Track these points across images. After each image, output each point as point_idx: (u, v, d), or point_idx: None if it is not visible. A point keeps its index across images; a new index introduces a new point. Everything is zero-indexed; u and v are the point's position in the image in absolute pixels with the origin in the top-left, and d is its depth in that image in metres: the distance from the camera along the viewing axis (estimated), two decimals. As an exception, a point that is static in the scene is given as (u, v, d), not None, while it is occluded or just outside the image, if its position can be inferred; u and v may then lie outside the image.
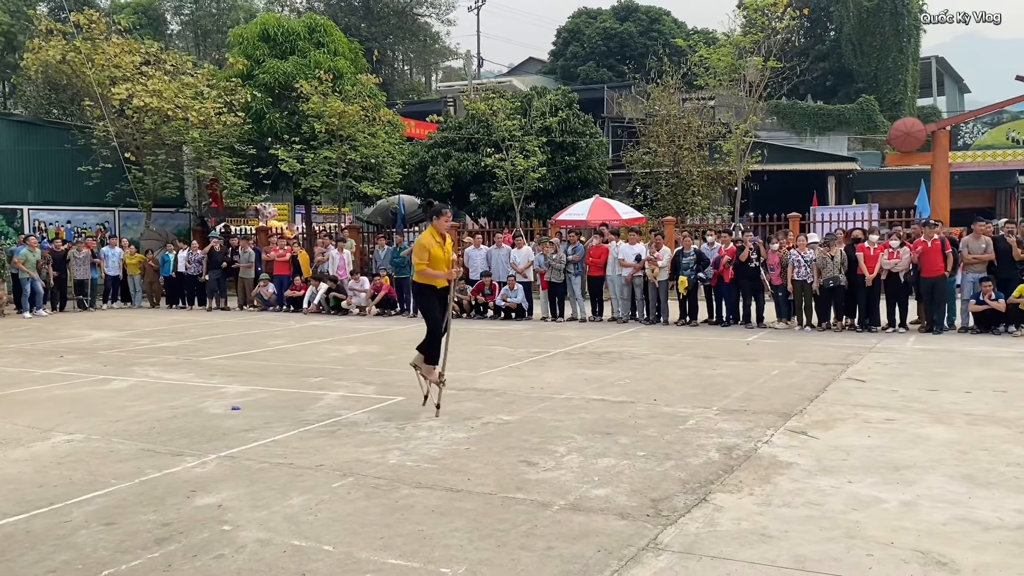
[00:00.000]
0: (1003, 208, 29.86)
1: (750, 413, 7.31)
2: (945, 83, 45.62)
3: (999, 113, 20.02)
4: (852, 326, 13.61)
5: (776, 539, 4.31)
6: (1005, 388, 8.27)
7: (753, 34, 23.11)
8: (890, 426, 6.73)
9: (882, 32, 37.65)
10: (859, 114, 35.86)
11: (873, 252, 13.32)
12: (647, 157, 24.97)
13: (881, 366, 9.86)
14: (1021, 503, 4.78)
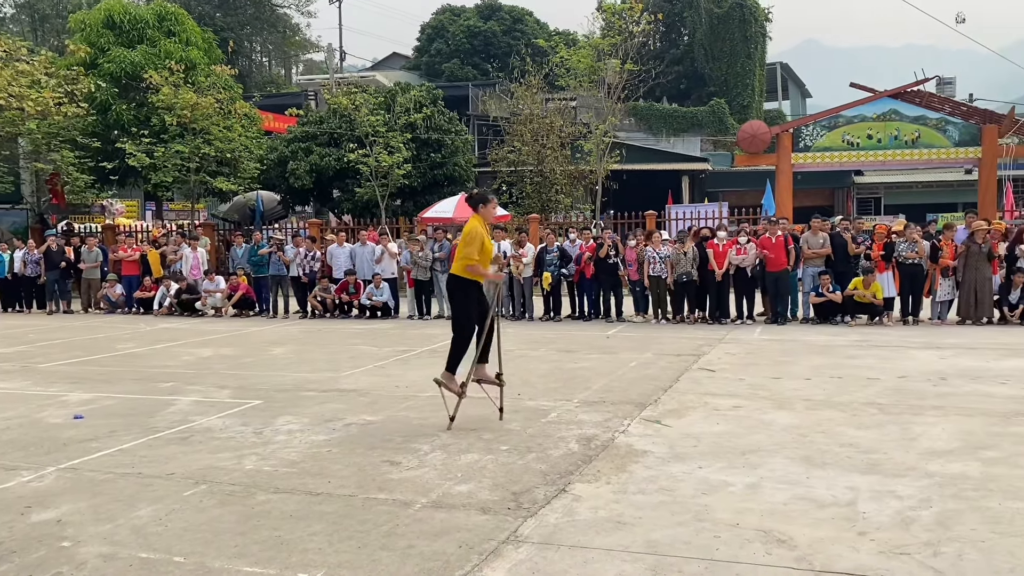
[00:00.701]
0: (840, 206, 32.11)
1: (609, 404, 7.53)
2: (789, 88, 48.49)
3: (835, 117, 21.43)
4: (704, 319, 14.27)
5: (631, 525, 4.46)
6: (841, 375, 8.88)
7: (611, 37, 23.81)
8: (737, 413, 7.10)
9: (731, 38, 39.60)
10: (711, 116, 37.61)
11: (722, 248, 14.01)
12: (512, 155, 25.29)
13: (730, 356, 10.38)
14: (852, 481, 5.14)
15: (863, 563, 3.89)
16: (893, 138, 20.77)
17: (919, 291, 13.70)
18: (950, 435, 6.18)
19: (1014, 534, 4.21)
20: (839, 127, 21.19)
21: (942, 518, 4.45)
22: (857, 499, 4.79)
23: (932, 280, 13.73)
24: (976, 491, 4.88)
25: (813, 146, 21.32)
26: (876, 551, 4.03)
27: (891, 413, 6.95)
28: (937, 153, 20.85)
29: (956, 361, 9.65)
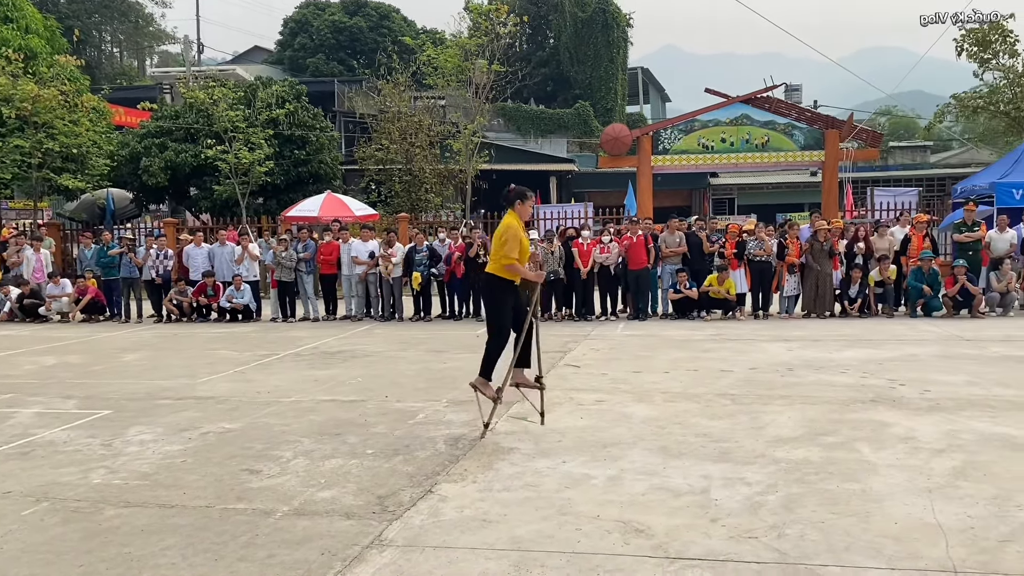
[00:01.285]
0: (697, 206, 33.51)
1: (477, 403, 7.55)
2: (650, 92, 50.25)
3: (692, 121, 22.33)
4: (571, 316, 14.57)
5: (496, 523, 4.50)
6: (697, 367, 9.28)
7: (478, 37, 23.93)
8: (600, 407, 7.30)
9: (595, 42, 40.64)
10: (576, 119, 38.49)
11: (587, 247, 14.36)
12: (380, 154, 24.99)
13: (595, 352, 10.65)
14: (706, 469, 5.38)
15: (714, 548, 4.07)
16: (745, 142, 21.86)
17: (768, 287, 14.49)
18: (795, 423, 6.57)
19: (850, 514, 4.51)
20: (695, 131, 22.10)
21: (787, 502, 4.73)
22: (710, 487, 5.02)
23: (780, 276, 14.55)
24: (817, 475, 5.21)
25: (671, 149, 22.14)
26: (727, 536, 4.23)
27: (742, 403, 7.32)
28: (785, 156, 22.09)
29: (802, 353, 10.27)
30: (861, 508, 4.58)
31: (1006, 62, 24.72)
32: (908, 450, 5.73)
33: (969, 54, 24.83)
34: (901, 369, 8.92)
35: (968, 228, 14.57)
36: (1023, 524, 4.28)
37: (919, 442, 5.91)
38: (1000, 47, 24.48)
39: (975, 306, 13.74)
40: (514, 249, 6.33)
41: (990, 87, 25.85)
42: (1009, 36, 24.35)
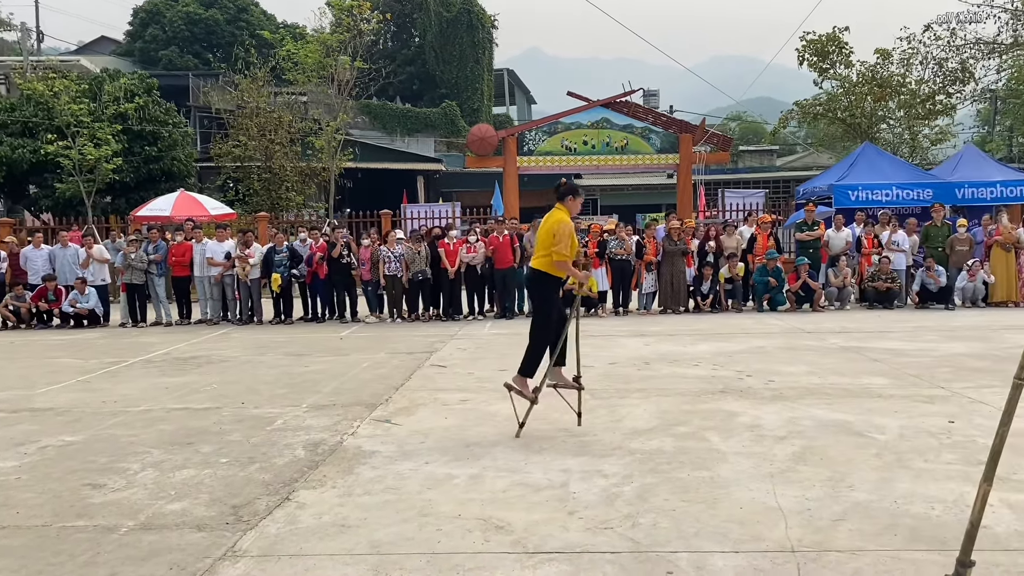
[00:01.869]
0: (562, 206, 34.16)
1: (339, 407, 7.43)
2: (516, 93, 50.86)
3: (555, 123, 22.77)
4: (438, 316, 14.55)
5: (355, 528, 4.43)
6: (559, 364, 9.45)
7: (340, 33, 23.51)
8: (464, 406, 7.32)
9: (460, 42, 40.75)
10: (443, 118, 38.47)
11: (453, 247, 14.37)
12: (237, 150, 24.13)
13: (461, 351, 10.68)
14: (566, 464, 5.49)
15: (571, 541, 4.16)
16: (605, 144, 22.48)
17: (628, 284, 14.96)
18: (650, 415, 6.81)
19: (700, 501, 4.72)
20: (559, 133, 22.54)
21: (641, 492, 4.89)
22: (569, 480, 5.13)
23: (639, 274, 15.05)
24: (670, 464, 5.41)
25: (536, 150, 22.49)
26: (583, 528, 4.33)
27: (601, 397, 7.52)
28: (643, 159, 22.87)
29: (658, 347, 10.66)
30: (710, 495, 4.80)
31: (842, 72, 26.52)
32: (753, 438, 6.04)
33: (810, 63, 26.49)
34: (749, 361, 9.41)
35: (808, 227, 15.55)
36: (854, 504, 4.59)
37: (763, 430, 6.25)
38: (837, 58, 26.25)
39: (815, 300, 14.69)
40: (567, 245, 6.23)
41: (828, 95, 27.65)
42: (845, 47, 26.16)
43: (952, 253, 15.03)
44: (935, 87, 26.67)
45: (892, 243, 15.20)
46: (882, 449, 5.64)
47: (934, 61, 27.25)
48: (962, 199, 17.81)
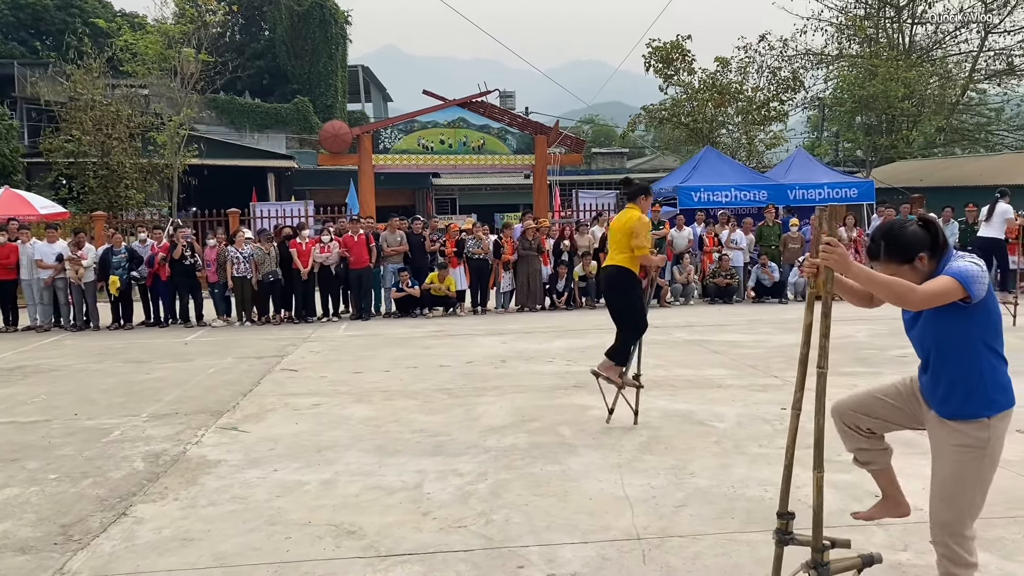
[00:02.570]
0: (421, 206, 34.05)
1: (182, 415, 7.09)
2: (371, 91, 50.16)
3: (411, 122, 22.63)
4: (290, 318, 14.15)
5: (198, 540, 4.23)
6: (417, 364, 9.41)
7: (183, 24, 22.44)
8: (317, 411, 7.15)
9: (313, 37, 39.75)
10: (295, 114, 37.42)
11: (306, 247, 14.01)
12: (70, 145, 22.56)
13: (314, 354, 10.43)
14: (420, 465, 5.46)
15: (425, 541, 4.14)
16: (463, 144, 22.57)
17: (486, 283, 15.08)
18: (506, 412, 6.89)
19: (551, 494, 4.81)
20: (415, 131, 22.43)
21: (495, 488, 4.93)
22: (424, 481, 5.10)
23: (496, 273, 15.19)
24: (523, 460, 5.49)
25: (392, 148, 22.28)
26: (437, 528, 4.32)
27: (458, 397, 7.53)
28: (500, 159, 23.13)
29: (515, 345, 10.80)
30: (561, 488, 4.90)
31: (685, 78, 27.76)
32: (603, 430, 6.23)
33: (655, 70, 27.57)
34: (600, 355, 9.66)
35: (655, 227, 16.16)
36: (696, 490, 4.82)
37: (613, 422, 6.44)
38: (680, 65, 27.44)
39: (662, 296, 15.31)
40: (647, 239, 6.44)
41: (673, 100, 28.88)
42: (688, 55, 27.39)
43: (785, 250, 16.04)
44: (769, 95, 28.35)
45: (731, 241, 16.06)
46: (721, 437, 5.94)
47: (768, 70, 29.01)
48: (794, 200, 19.03)
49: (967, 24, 32.71)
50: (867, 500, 4.52)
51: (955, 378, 3.02)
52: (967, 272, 2.89)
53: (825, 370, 3.04)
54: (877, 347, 9.83)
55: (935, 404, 3.11)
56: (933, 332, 3.05)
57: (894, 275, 3.01)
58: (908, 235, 3.03)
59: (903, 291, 2.91)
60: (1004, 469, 4.97)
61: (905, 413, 3.29)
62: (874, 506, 3.61)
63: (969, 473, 3.00)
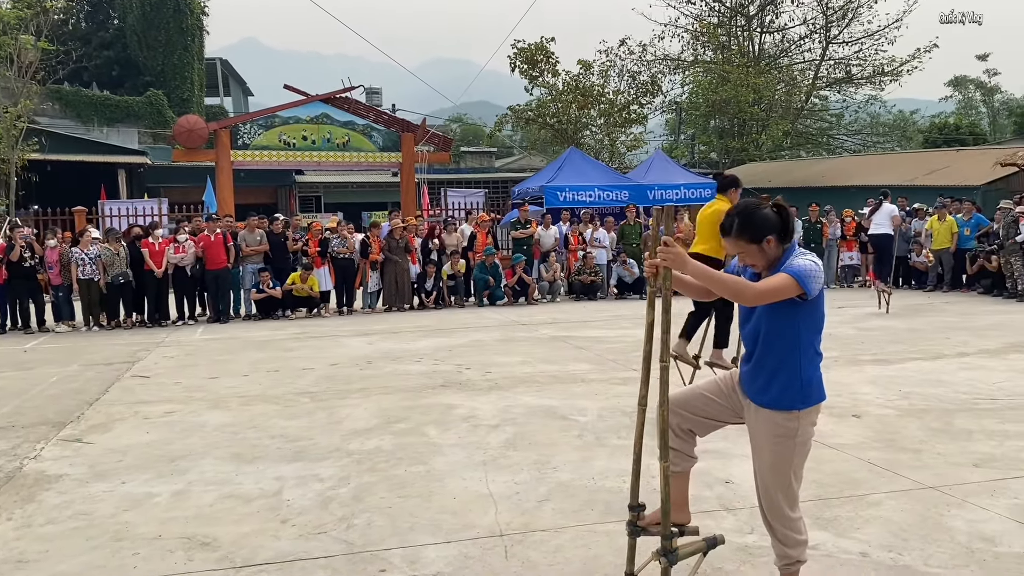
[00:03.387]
0: (284, 204, 33.12)
1: (19, 428, 6.60)
2: (231, 85, 48.32)
3: (272, 117, 21.93)
4: (143, 322, 13.45)
5: (34, 563, 3.95)
6: (278, 368, 9.14)
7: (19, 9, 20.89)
8: (170, 419, 6.81)
9: (167, 28, 37.89)
10: (148, 107, 35.55)
11: (159, 247, 13.35)
12: None
13: (168, 359, 9.94)
14: (280, 471, 5.30)
15: (283, 550, 4.02)
16: (326, 140, 22.08)
17: (352, 283, 14.82)
18: (371, 414, 6.79)
19: (416, 495, 4.77)
20: (276, 127, 21.76)
21: (358, 492, 4.85)
22: (283, 488, 4.96)
23: (363, 273, 14.97)
24: (387, 462, 5.43)
25: (252, 144, 21.54)
26: (296, 535, 4.21)
27: (321, 400, 7.37)
28: (365, 156, 22.78)
29: (382, 345, 10.67)
30: (425, 488, 4.88)
31: (550, 80, 28.26)
32: (469, 428, 6.24)
33: (521, 71, 27.92)
34: (468, 354, 9.72)
35: (522, 226, 16.40)
36: (558, 484, 4.90)
37: (479, 420, 6.47)
38: (545, 66, 27.91)
39: (530, 294, 15.53)
40: None
41: (539, 101, 29.34)
42: (552, 57, 27.89)
43: (646, 248, 16.59)
44: (630, 98, 29.29)
45: (595, 240, 16.48)
46: (583, 430, 6.08)
47: (629, 74, 29.94)
48: (653, 200, 19.71)
49: (810, 34, 34.92)
50: (718, 487, 4.74)
51: (776, 370, 3.15)
52: (805, 270, 3.02)
53: (667, 363, 3.15)
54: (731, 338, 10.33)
55: (752, 393, 3.24)
56: (765, 325, 3.17)
57: (742, 252, 3.17)
58: (760, 216, 3.14)
59: (739, 287, 3.04)
60: (840, 452, 5.35)
61: (726, 407, 3.39)
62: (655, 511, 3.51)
63: (783, 460, 3.16)
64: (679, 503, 3.49)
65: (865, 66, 34.42)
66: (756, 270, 3.23)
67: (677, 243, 3.15)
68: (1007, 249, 14.20)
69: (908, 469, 4.97)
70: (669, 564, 3.17)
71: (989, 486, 4.63)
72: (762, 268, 3.20)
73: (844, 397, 6.92)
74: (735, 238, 3.17)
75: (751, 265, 3.24)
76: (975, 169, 21.76)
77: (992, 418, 6.10)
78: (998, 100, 52.44)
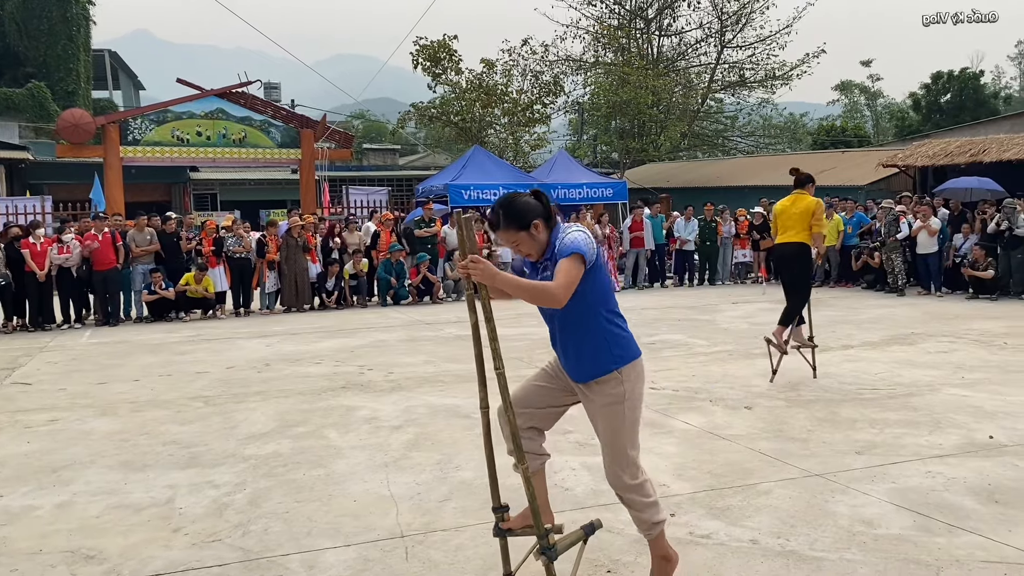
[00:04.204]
0: (178, 202, 31.95)
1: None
2: (120, 78, 46.28)
3: (164, 112, 21.15)
4: (24, 326, 12.75)
5: (-102, 586, 3.69)
6: (171, 372, 8.82)
7: None
8: (53, 427, 6.48)
9: (49, 16, 36.01)
10: (30, 100, 33.68)
11: (41, 247, 12.68)
12: None
13: (52, 365, 9.46)
14: (172, 479, 5.11)
15: (175, 559, 3.88)
16: (222, 136, 21.44)
17: (249, 284, 14.43)
18: (268, 417, 6.62)
19: (314, 499, 4.68)
20: (169, 122, 21.00)
21: (254, 498, 4.72)
22: (175, 496, 4.78)
23: (260, 273, 14.59)
24: (285, 466, 5.31)
25: (143, 140, 20.72)
26: (189, 544, 4.06)
27: (216, 404, 7.15)
28: (263, 153, 22.23)
29: (280, 347, 10.42)
30: (324, 492, 4.79)
31: (453, 78, 28.20)
32: (371, 430, 6.16)
33: (424, 68, 27.77)
34: (371, 355, 9.60)
35: (427, 224, 16.30)
36: (460, 483, 4.89)
37: (381, 421, 6.40)
38: (448, 64, 27.84)
39: (435, 293, 15.46)
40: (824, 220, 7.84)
41: (442, 99, 29.25)
42: (455, 55, 27.84)
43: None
44: (533, 97, 29.52)
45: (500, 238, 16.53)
46: (486, 429, 6.08)
47: (532, 73, 30.17)
48: (557, 199, 19.95)
49: (706, 38, 36.00)
50: (617, 480, 4.82)
51: (580, 345, 3.26)
52: (577, 242, 3.11)
53: (503, 370, 3.11)
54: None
55: (571, 373, 3.34)
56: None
57: (515, 242, 3.23)
58: (522, 204, 3.22)
59: (547, 291, 3.05)
60: (733, 443, 5.52)
61: (558, 389, 3.47)
62: (518, 515, 3.57)
63: (619, 424, 3.25)
64: (541, 504, 3.46)
65: (758, 70, 35.70)
66: (532, 258, 3.30)
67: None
68: (888, 246, 14.99)
69: (796, 458, 5.18)
70: (550, 560, 3.16)
71: (870, 472, 4.88)
72: (536, 254, 3.27)
73: (737, 389, 7.16)
74: (504, 230, 3.23)
75: (527, 254, 3.29)
76: (860, 170, 22.89)
77: (874, 407, 6.43)
78: (881, 104, 55.38)
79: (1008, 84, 60.25)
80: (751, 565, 3.65)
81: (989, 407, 6.32)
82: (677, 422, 6.12)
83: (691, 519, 4.21)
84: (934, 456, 5.14)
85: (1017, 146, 17.91)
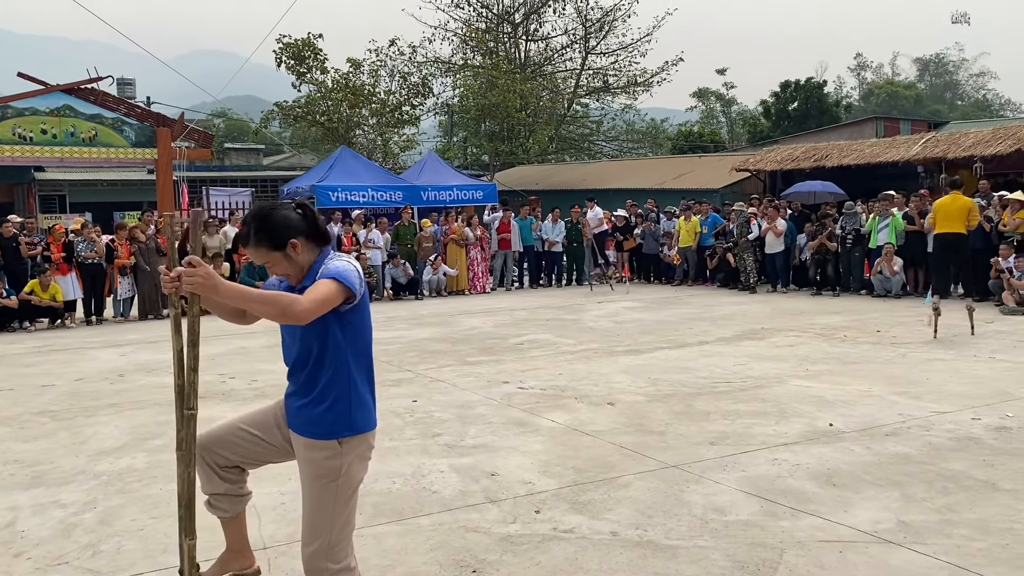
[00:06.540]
0: (22, 204, 29.85)
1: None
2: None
3: (4, 108, 19.70)
4: None
5: None
6: (13, 385, 8.27)
7: None
8: None
9: None
10: None
11: None
12: None
13: None
14: (14, 500, 4.79)
15: (16, 587, 3.65)
16: (70, 134, 20.17)
17: (101, 290, 13.67)
18: (122, 431, 6.31)
19: (171, 515, 4.46)
20: (9, 119, 19.56)
21: (105, 516, 4.50)
22: (17, 519, 4.49)
23: (112, 278, 13.84)
24: (140, 482, 5.08)
25: (-20, 138, 19.24)
26: (32, 569, 3.84)
27: (63, 419, 6.75)
28: (116, 152, 21.06)
29: (136, 356, 9.94)
30: (175, 509, 4.60)
31: (319, 77, 27.66)
32: (233, 440, 5.96)
33: (287, 66, 27.10)
34: (232, 362, 9.29)
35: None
36: (326, 489, 4.82)
37: (243, 431, 6.21)
38: (313, 63, 27.29)
39: (301, 297, 15.10)
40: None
41: (308, 98, 28.64)
42: (320, 54, 27.32)
43: (420, 249, 16.73)
44: (401, 98, 29.35)
45: (369, 241, 16.35)
46: (353, 434, 6.02)
47: (400, 74, 30.00)
48: (427, 201, 19.95)
49: (571, 44, 36.83)
50: (483, 480, 4.89)
51: (318, 390, 2.82)
52: (342, 270, 2.70)
53: (195, 411, 2.81)
54: (500, 336, 10.69)
55: (291, 415, 2.93)
56: (302, 338, 2.81)
57: (268, 262, 2.81)
58: (278, 218, 2.77)
59: (285, 304, 2.56)
60: (596, 439, 5.71)
61: (269, 446, 3.11)
62: (216, 562, 3.37)
63: (327, 502, 2.80)
64: (240, 548, 3.28)
65: (620, 76, 36.83)
66: (290, 281, 2.86)
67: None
68: (740, 246, 15.81)
69: (654, 451, 5.40)
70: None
71: (722, 461, 5.15)
72: (295, 278, 2.84)
73: (600, 386, 7.40)
74: (254, 247, 2.79)
75: (284, 276, 2.86)
76: (715, 174, 24.03)
77: (727, 399, 6.78)
78: (735, 111, 58.28)
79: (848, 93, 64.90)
80: (611, 556, 3.79)
81: (829, 396, 6.79)
82: (544, 420, 6.26)
83: (555, 515, 4.33)
84: (780, 444, 5.49)
85: (855, 152, 19.28)
